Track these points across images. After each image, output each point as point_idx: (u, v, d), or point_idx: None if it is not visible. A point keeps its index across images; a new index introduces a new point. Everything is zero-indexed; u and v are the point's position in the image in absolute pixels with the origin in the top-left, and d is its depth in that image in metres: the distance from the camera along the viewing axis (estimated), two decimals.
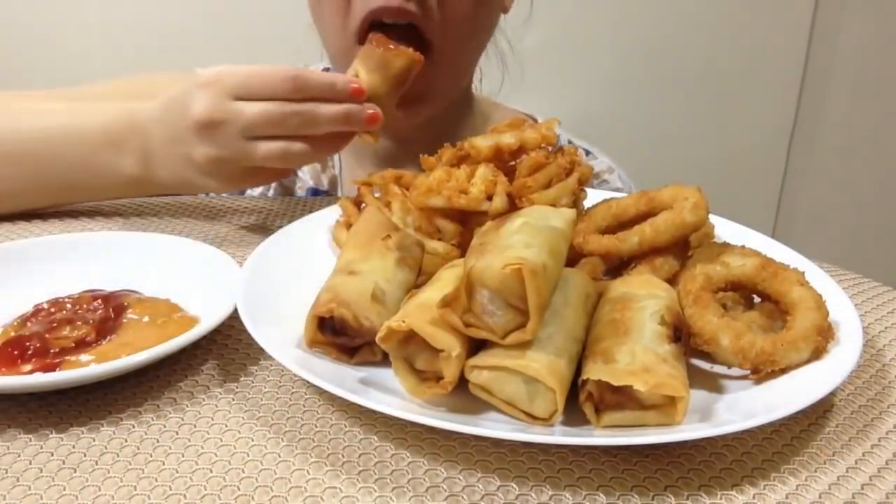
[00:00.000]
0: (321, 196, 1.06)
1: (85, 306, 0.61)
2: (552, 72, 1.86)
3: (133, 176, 0.82)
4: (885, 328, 0.68)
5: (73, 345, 0.56)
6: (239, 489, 0.46)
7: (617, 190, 1.08)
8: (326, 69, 1.08)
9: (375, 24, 0.85)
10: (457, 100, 1.06)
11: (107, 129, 0.81)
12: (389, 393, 0.52)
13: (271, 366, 0.59)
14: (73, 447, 0.49)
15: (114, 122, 0.81)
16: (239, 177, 0.79)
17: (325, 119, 0.74)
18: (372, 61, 0.78)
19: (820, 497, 0.47)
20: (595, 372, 0.49)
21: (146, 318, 0.60)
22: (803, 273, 0.60)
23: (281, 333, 0.57)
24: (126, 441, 0.50)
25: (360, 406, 0.49)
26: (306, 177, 1.07)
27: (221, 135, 0.74)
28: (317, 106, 0.74)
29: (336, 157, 1.07)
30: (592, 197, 0.77)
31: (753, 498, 0.47)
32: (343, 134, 0.77)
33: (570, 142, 1.12)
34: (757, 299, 0.63)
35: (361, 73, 0.78)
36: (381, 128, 0.78)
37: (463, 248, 0.67)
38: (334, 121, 0.74)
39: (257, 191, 1.06)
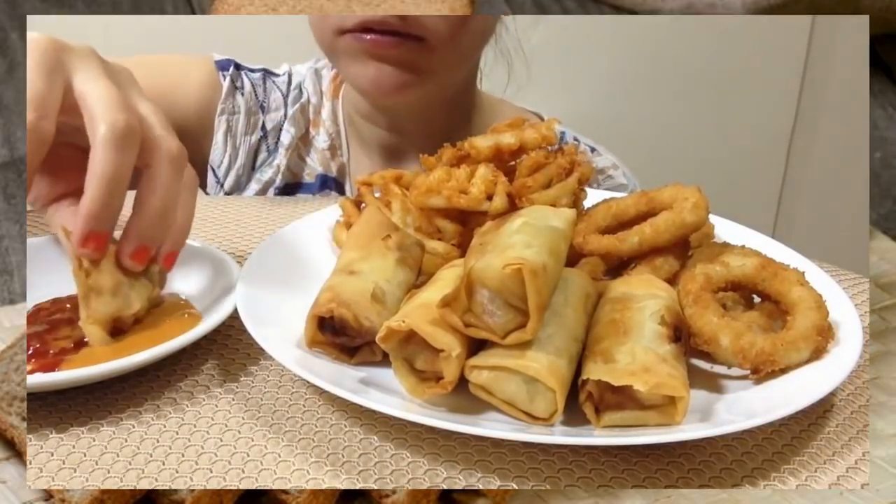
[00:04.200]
0: (330, 184, 1.06)
1: None
2: (555, 71, 1.85)
3: None
4: None
5: (72, 345, 0.56)
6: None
7: (621, 186, 1.09)
8: (316, 70, 1.08)
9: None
10: (461, 95, 1.06)
11: None
12: (389, 393, 0.52)
13: (271, 366, 0.59)
14: (74, 447, 0.49)
15: None
16: None
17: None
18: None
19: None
20: (595, 372, 0.49)
21: (147, 318, 0.60)
22: (803, 273, 0.60)
23: (281, 333, 0.57)
24: (126, 441, 0.50)
25: (360, 406, 0.50)
26: (315, 163, 1.07)
27: None
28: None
29: (344, 145, 1.07)
30: (593, 197, 0.77)
31: None
32: None
33: (575, 139, 1.12)
34: (757, 299, 0.63)
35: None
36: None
37: (463, 248, 0.67)
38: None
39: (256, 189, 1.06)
